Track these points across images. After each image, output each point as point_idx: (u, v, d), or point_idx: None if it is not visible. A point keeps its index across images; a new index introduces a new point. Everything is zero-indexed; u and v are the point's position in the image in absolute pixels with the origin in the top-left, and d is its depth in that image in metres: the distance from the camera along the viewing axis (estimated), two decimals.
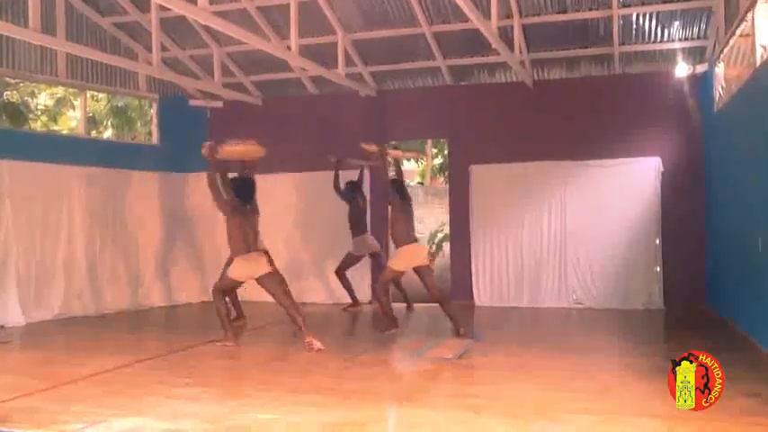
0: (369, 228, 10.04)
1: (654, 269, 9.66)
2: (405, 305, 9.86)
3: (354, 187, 9.99)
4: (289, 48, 8.87)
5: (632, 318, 9.03)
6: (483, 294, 10.31)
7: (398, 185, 8.10)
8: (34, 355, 7.19)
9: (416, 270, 7.84)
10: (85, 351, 7.27)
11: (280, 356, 7.00)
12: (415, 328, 9.01)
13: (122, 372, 6.03)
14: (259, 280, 7.16)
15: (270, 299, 7.38)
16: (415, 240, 8.25)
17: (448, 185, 11.30)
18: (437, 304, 7.95)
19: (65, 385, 5.47)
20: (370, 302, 10.63)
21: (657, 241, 9.65)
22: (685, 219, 9.57)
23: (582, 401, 4.83)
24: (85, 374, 5.81)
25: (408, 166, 22.33)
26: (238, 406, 4.81)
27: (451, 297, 10.48)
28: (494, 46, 8.42)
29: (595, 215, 9.82)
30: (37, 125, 16.86)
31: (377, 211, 10.30)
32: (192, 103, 11.45)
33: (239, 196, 7.19)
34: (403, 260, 7.92)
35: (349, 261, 9.99)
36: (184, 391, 5.27)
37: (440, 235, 13.22)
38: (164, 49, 10.06)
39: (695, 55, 9.53)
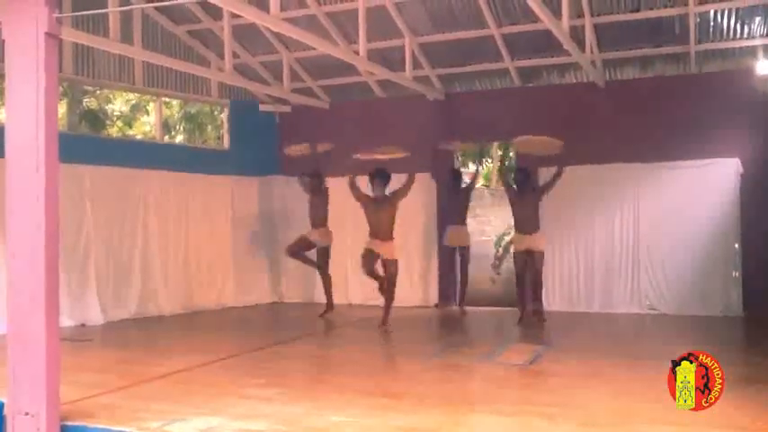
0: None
1: (732, 274, 9.31)
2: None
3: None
4: (356, 52, 8.93)
5: (709, 324, 8.73)
6: (553, 299, 10.12)
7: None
8: (114, 353, 7.43)
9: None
10: (162, 350, 7.48)
11: (353, 359, 7.05)
12: (481, 332, 8.95)
13: (198, 371, 6.17)
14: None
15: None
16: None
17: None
18: None
19: (144, 383, 5.63)
20: (436, 306, 10.60)
21: (736, 245, 9.30)
22: (766, 222, 9.20)
23: (658, 411, 4.67)
24: (163, 373, 5.97)
25: (472, 168, 22.10)
26: (312, 408, 4.86)
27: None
28: (565, 46, 8.29)
29: (670, 218, 9.53)
30: (114, 131, 17.48)
31: None
32: (263, 108, 11.66)
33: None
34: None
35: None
36: (259, 392, 5.35)
37: (507, 238, 13.05)
38: (235, 55, 10.27)
39: None
